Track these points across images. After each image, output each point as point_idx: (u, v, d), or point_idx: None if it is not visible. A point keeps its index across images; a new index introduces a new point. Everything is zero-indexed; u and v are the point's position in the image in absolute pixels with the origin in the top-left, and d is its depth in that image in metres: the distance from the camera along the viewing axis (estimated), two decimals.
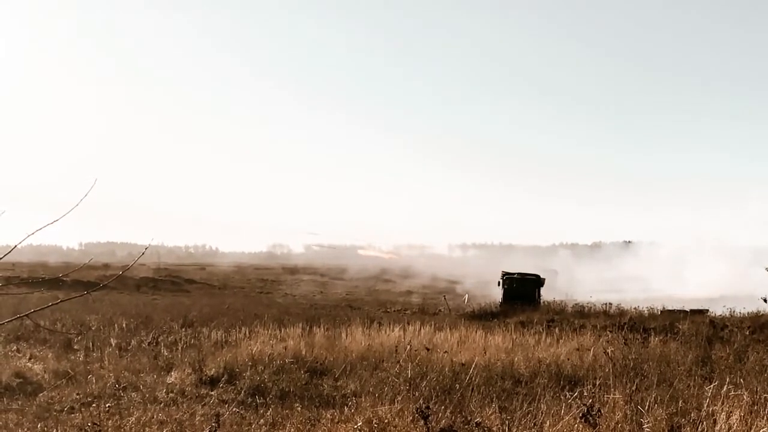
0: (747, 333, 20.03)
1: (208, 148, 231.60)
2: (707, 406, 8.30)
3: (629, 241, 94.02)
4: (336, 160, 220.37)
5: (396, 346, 14.11)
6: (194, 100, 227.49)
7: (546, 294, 38.06)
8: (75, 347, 16.26)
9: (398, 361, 12.63)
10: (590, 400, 8.03)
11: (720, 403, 8.29)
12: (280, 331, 18.39)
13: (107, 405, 9.83)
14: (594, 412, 7.31)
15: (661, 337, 17.76)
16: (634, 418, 8.17)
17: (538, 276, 38.92)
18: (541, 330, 19.37)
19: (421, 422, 7.55)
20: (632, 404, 8.49)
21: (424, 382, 11.00)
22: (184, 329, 19.96)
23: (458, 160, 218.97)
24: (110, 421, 9.03)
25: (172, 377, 12.49)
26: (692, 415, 8.24)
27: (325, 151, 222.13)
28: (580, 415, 7.39)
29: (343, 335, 17.44)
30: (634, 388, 9.24)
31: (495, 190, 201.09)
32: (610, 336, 17.87)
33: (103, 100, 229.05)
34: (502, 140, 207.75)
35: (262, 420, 9.30)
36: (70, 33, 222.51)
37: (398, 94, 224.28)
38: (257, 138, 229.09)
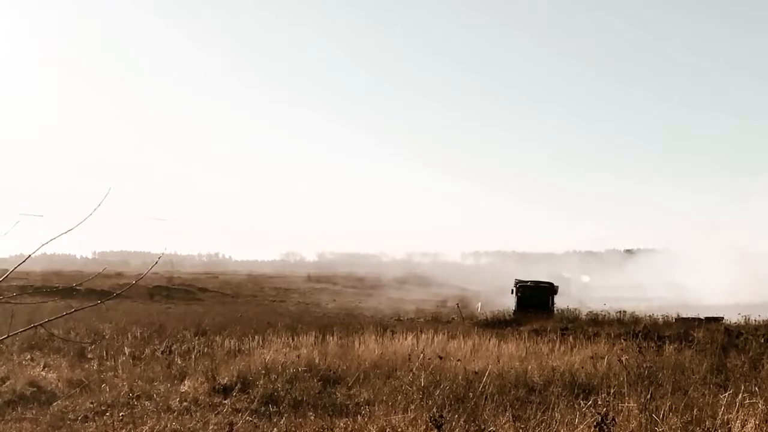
0: (762, 341, 19.80)
1: (221, 157, 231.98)
2: (722, 414, 8.26)
3: (629, 250, 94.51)
4: (349, 168, 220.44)
5: (409, 355, 14.09)
6: (205, 110, 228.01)
7: (559, 302, 37.93)
8: (89, 356, 16.35)
9: (411, 370, 12.60)
10: (604, 409, 8.01)
11: (735, 411, 8.24)
12: (293, 339, 18.43)
13: (121, 414, 9.88)
14: (608, 421, 7.27)
15: (675, 345, 17.60)
16: (648, 426, 8.13)
17: (551, 284, 38.81)
18: (554, 338, 19.29)
19: (435, 431, 7.55)
20: (647, 413, 8.44)
21: (438, 391, 10.98)
22: (197, 338, 20.03)
23: (470, 168, 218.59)
24: (124, 430, 9.09)
25: (186, 386, 12.51)
26: (707, 423, 8.19)
27: (337, 160, 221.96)
28: (595, 423, 7.35)
29: (356, 344, 17.42)
30: (648, 396, 9.19)
31: (507, 198, 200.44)
32: (624, 344, 17.76)
33: (115, 109, 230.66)
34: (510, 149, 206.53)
35: (275, 429, 9.32)
36: (76, 39, 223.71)
37: (405, 99, 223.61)
38: (268, 147, 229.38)
